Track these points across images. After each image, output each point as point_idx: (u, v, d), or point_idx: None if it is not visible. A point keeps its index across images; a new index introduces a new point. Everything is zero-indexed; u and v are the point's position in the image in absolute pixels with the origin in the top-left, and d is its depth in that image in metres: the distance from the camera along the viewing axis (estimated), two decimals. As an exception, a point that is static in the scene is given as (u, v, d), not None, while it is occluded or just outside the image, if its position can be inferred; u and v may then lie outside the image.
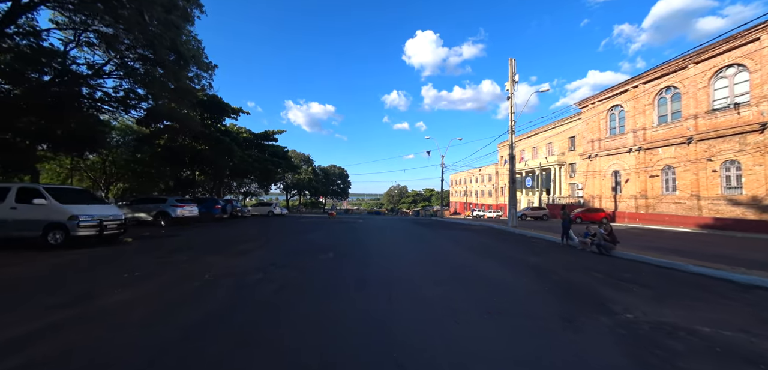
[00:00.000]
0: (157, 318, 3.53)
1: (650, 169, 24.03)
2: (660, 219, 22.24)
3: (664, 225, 21.17)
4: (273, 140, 32.14)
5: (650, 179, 24.16)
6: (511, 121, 17.08)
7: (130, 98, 16.43)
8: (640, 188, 24.94)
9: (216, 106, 23.33)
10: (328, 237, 11.58)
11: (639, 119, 24.87)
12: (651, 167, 24.02)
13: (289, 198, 62.95)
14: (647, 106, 24.18)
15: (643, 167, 24.62)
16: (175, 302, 4.11)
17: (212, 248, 8.64)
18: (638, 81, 24.71)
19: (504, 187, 56.59)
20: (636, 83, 24.98)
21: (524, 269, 6.52)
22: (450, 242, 10.98)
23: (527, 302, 4.30)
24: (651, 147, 23.95)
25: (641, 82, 24.49)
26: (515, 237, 13.20)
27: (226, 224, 17.76)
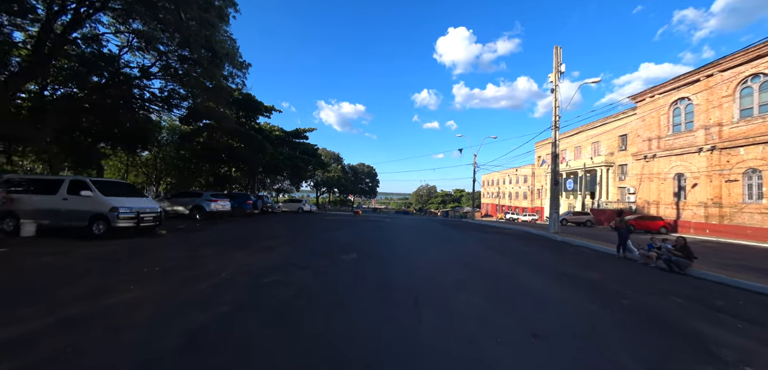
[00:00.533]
0: (160, 319, 3.25)
1: (727, 173, 20.56)
2: (739, 231, 18.90)
3: (746, 239, 17.92)
4: (303, 138, 32.81)
5: (727, 184, 20.67)
6: (555, 116, 15.42)
7: (173, 98, 17.46)
8: (713, 193, 21.48)
9: (250, 105, 24.19)
10: (353, 236, 11.17)
11: (713, 114, 21.40)
12: (729, 170, 20.54)
13: (319, 195, 64.44)
14: (725, 98, 20.70)
15: (716, 170, 21.16)
16: (185, 301, 3.84)
17: (238, 243, 8.60)
18: (713, 68, 21.25)
19: (541, 189, 52.81)
20: (710, 71, 21.51)
21: (578, 285, 5.49)
22: (483, 246, 10.01)
23: (586, 327, 3.41)
24: (729, 146, 20.47)
25: (717, 70, 21.02)
26: (559, 245, 11.79)
27: (256, 219, 18.20)
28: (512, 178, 64.00)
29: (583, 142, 40.59)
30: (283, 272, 5.50)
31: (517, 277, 5.91)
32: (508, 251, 9.32)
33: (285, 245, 8.63)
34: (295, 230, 12.92)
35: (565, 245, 12.02)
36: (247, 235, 10.51)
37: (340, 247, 8.57)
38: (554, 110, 15.53)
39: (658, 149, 26.01)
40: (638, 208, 28.37)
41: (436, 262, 7.12)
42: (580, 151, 41.44)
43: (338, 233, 12.04)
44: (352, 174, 67.85)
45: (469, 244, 10.68)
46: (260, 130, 26.45)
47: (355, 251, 7.87)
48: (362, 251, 8.09)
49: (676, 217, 24.27)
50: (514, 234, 15.42)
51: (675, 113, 24.95)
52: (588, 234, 17.73)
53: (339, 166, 61.84)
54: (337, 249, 8.18)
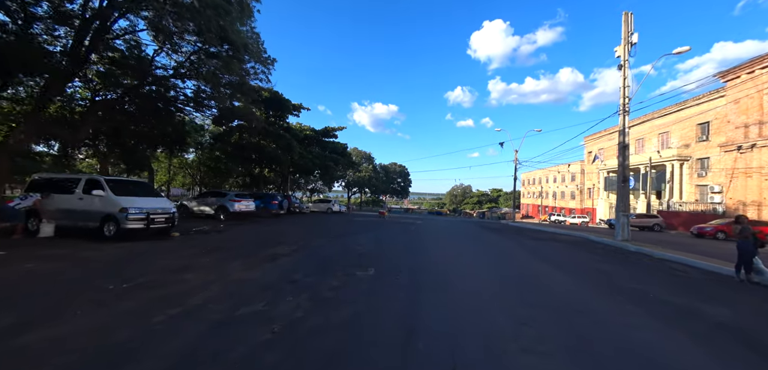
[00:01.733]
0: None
1: None
2: None
3: None
4: (333, 137, 32.31)
5: None
6: (623, 98, 12.50)
7: (200, 96, 17.55)
8: None
9: (278, 103, 24.03)
10: (375, 243, 9.73)
11: None
12: None
13: (350, 195, 64.43)
14: None
15: None
16: (116, 343, 2.66)
17: (245, 249, 7.62)
18: None
19: (591, 188, 46.94)
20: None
21: (710, 333, 3.44)
22: (537, 258, 7.93)
23: None
24: None
25: None
26: (637, 258, 9.19)
27: (280, 220, 17.64)
28: (557, 177, 58.11)
29: (647, 134, 34.90)
30: (275, 294, 4.21)
31: (604, 316, 3.97)
32: (573, 268, 7.18)
33: (295, 252, 7.46)
34: (314, 232, 11.85)
35: (644, 257, 9.38)
36: (261, 238, 9.60)
37: (357, 257, 7.17)
38: (622, 92, 12.64)
39: (758, 137, 20.94)
40: (728, 210, 23.24)
41: (478, 286, 5.36)
42: (643, 145, 35.74)
43: (360, 238, 10.69)
44: (383, 174, 66.87)
45: (517, 254, 8.64)
46: (289, 130, 26.31)
47: (374, 265, 6.40)
48: (382, 264, 6.59)
49: (787, 222, 19.19)
50: (570, 241, 12.83)
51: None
52: (662, 241, 14.37)
53: (370, 166, 61.20)
54: (352, 260, 6.79)
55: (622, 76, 12.62)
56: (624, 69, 12.58)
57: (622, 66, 12.60)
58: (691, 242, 15.77)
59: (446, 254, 8.31)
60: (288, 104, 24.74)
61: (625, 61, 12.55)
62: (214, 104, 18.40)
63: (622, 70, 12.60)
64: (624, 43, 12.57)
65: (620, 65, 12.67)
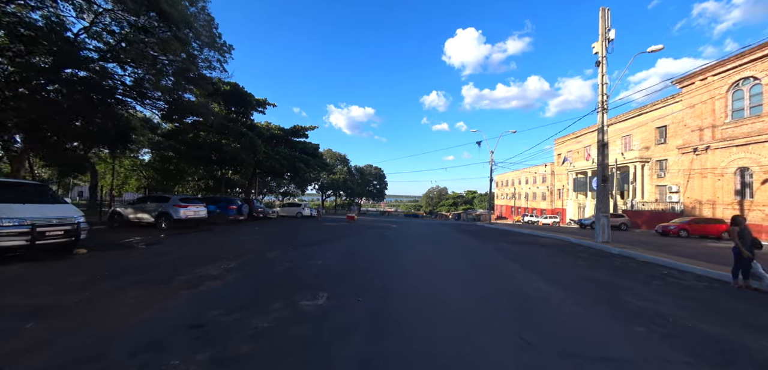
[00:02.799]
0: None
1: (811, 165, 16.69)
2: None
3: None
4: (303, 136, 30.31)
5: (811, 179, 16.79)
6: (601, 95, 12.15)
7: (143, 87, 15.09)
8: (791, 191, 17.59)
9: (239, 98, 21.77)
10: (341, 255, 8.29)
11: (789, 94, 17.56)
12: (812, 162, 16.67)
13: (324, 199, 62.09)
14: (805, 74, 16.86)
15: (796, 162, 17.29)
16: None
17: (166, 270, 5.85)
18: (788, 39, 17.43)
19: (561, 189, 48.71)
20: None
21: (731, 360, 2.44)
22: (526, 269, 6.93)
23: None
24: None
25: (794, 40, 17.20)
26: (626, 263, 8.55)
27: (237, 227, 15.58)
28: (529, 178, 59.97)
29: (611, 137, 36.52)
30: (153, 357, 2.65)
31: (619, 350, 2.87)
32: (567, 281, 6.21)
33: (231, 271, 5.82)
34: (271, 241, 10.14)
35: (629, 261, 8.78)
36: (200, 253, 7.79)
37: (313, 276, 5.69)
38: (601, 88, 12.28)
39: (712, 140, 22.12)
40: (686, 209, 24.43)
41: (461, 313, 4.12)
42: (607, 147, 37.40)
43: (325, 248, 9.19)
44: (358, 176, 65.24)
45: (503, 264, 7.62)
46: (253, 127, 24.02)
47: (330, 288, 4.97)
48: (342, 287, 5.18)
49: (739, 220, 20.29)
50: (551, 245, 12.19)
51: (735, 97, 21.05)
52: (635, 241, 14.30)
53: (345, 168, 59.33)
54: (304, 281, 5.31)
55: (600, 72, 12.25)
56: (602, 65, 12.22)
57: (600, 62, 12.24)
58: (662, 242, 15.95)
59: (424, 268, 7.06)
60: (251, 100, 22.53)
61: (602, 58, 12.20)
62: (159, 96, 16.00)
63: (600, 66, 12.24)
64: (601, 39, 12.22)
65: (598, 62, 12.31)
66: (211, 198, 18.59)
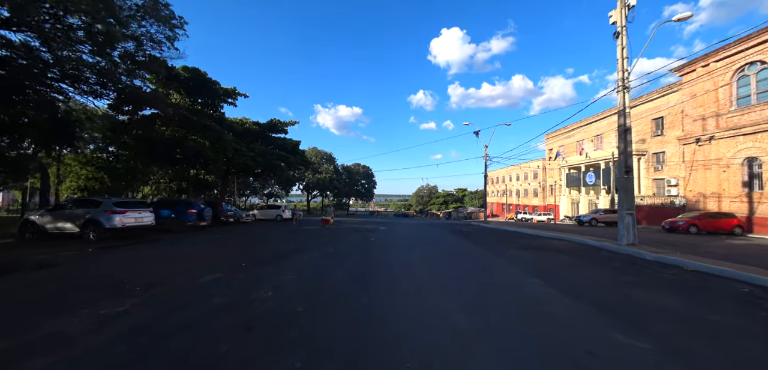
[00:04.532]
0: None
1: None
2: None
3: None
4: (282, 132, 27.65)
5: (829, 168, 15.67)
6: (622, 70, 10.33)
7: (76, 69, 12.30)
8: (806, 181, 16.48)
9: (202, 87, 19.02)
10: (304, 276, 6.03)
11: (803, 77, 16.42)
12: (831, 149, 15.55)
13: (310, 199, 59.30)
14: (822, 55, 15.73)
15: (811, 150, 16.16)
16: None
17: (11, 321, 3.44)
18: (803, 18, 16.27)
19: (553, 185, 47.80)
20: (796, 23, 16.53)
21: None
22: (555, 289, 4.89)
23: None
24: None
25: (809, 18, 16.04)
26: (681, 277, 6.66)
27: (191, 236, 13.01)
28: (520, 175, 59.06)
29: (606, 130, 35.64)
30: None
31: None
32: (621, 310, 4.19)
33: (113, 321, 3.46)
34: (220, 257, 7.74)
35: (681, 274, 6.89)
36: (97, 281, 5.34)
37: (240, 329, 3.41)
38: (621, 64, 10.45)
39: (716, 129, 20.99)
40: (689, 203, 23.33)
41: None
42: (601, 141, 36.50)
43: (284, 266, 6.89)
44: (346, 175, 62.69)
45: (517, 279, 5.55)
46: (221, 121, 21.26)
47: (258, 363, 2.70)
48: (286, 355, 2.92)
49: (748, 213, 19.23)
50: (569, 251, 10.27)
51: (741, 83, 19.94)
52: (650, 240, 12.66)
53: (331, 167, 56.69)
54: (220, 340, 3.02)
55: (619, 44, 10.42)
56: (621, 37, 10.39)
57: (619, 33, 10.40)
58: (678, 240, 14.43)
59: (420, 298, 4.89)
60: (217, 89, 19.80)
61: (622, 28, 10.37)
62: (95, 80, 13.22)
63: (620, 38, 10.40)
64: (620, 5, 10.39)
65: (616, 33, 10.47)
66: (166, 201, 15.88)
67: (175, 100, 19.34)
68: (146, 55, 13.99)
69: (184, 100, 20.11)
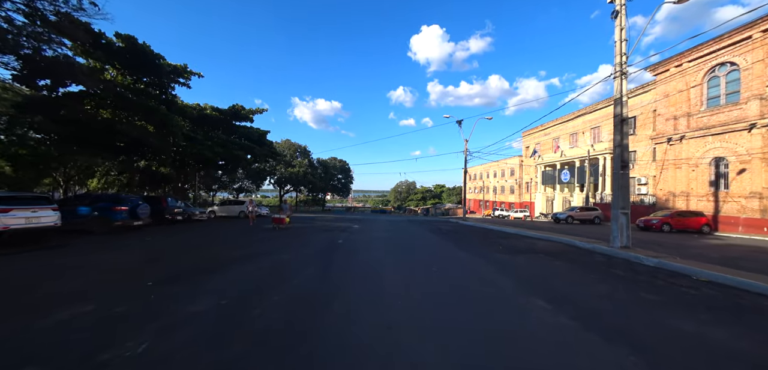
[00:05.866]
0: None
1: (795, 153, 15.99)
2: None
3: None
4: (246, 120, 24.94)
5: (793, 168, 16.11)
6: (619, 55, 9.37)
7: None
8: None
9: (144, 61, 16.09)
10: (224, 302, 4.25)
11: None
12: (796, 150, 15.97)
13: (282, 194, 56.14)
14: (790, 57, 16.07)
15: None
16: None
17: None
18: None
19: (529, 182, 48.54)
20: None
21: None
22: (565, 316, 3.57)
23: None
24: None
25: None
26: (696, 288, 5.63)
27: (114, 240, 10.60)
28: (497, 172, 59.70)
29: (581, 128, 36.23)
30: None
31: None
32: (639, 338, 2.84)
33: None
34: (127, 273, 5.70)
35: (693, 283, 5.90)
36: None
37: None
38: (619, 47, 9.48)
39: (687, 129, 21.37)
40: (659, 201, 23.80)
41: None
42: (576, 139, 37.11)
43: (207, 284, 5.03)
44: (321, 169, 60.06)
45: (512, 297, 4.17)
46: (171, 104, 18.36)
47: None
48: None
49: (714, 211, 19.69)
50: (558, 253, 9.21)
51: (711, 83, 20.32)
52: (647, 241, 12.14)
53: (305, 161, 53.87)
54: None
55: (619, 26, 9.43)
56: (620, 17, 9.41)
57: (618, 12, 9.41)
58: (656, 239, 14.13)
59: (394, 341, 3.31)
60: (162, 64, 16.91)
61: (621, 6, 9.38)
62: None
63: (619, 18, 9.41)
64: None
65: (615, 12, 9.48)
66: (89, 196, 13.14)
67: (109, 76, 16.27)
68: (60, 14, 11.23)
69: (123, 78, 17.05)
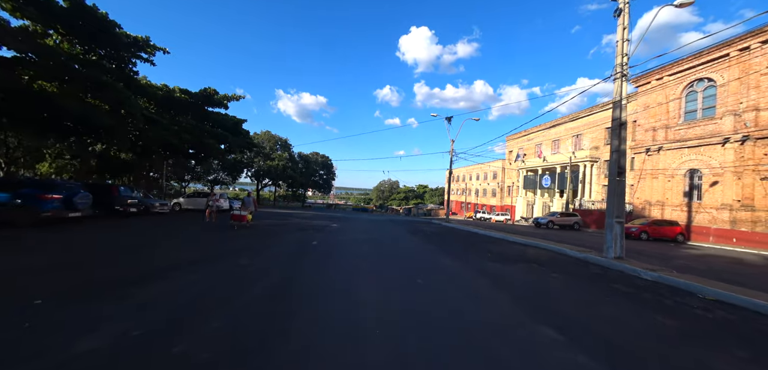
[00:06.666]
0: None
1: (766, 168, 16.54)
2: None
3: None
4: (220, 106, 22.96)
5: (764, 182, 16.67)
6: (621, 55, 8.82)
7: None
8: (743, 194, 17.47)
9: (95, 29, 14.01)
10: (124, 341, 3.03)
11: (747, 96, 17.27)
12: (767, 165, 16.53)
13: (260, 188, 53.60)
14: (765, 77, 16.58)
15: (749, 165, 17.11)
16: None
17: None
18: (752, 39, 17.04)
19: (511, 186, 49.17)
20: (746, 43, 17.33)
21: None
22: (588, 355, 2.74)
23: None
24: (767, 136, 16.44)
25: (757, 40, 16.83)
26: (712, 311, 5.03)
27: (35, 234, 8.87)
28: (480, 175, 60.20)
29: (563, 136, 36.86)
30: None
31: None
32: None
33: None
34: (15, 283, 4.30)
35: (706, 304, 5.32)
36: None
37: None
38: (620, 46, 8.96)
39: (665, 141, 21.88)
40: (635, 209, 24.33)
41: None
42: (558, 146, 37.73)
43: (117, 305, 3.77)
44: (302, 164, 57.98)
45: (518, 324, 3.30)
46: (128, 81, 16.26)
47: None
48: None
49: (687, 221, 20.23)
50: (551, 263, 8.57)
51: (689, 98, 20.86)
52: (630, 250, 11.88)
53: (285, 154, 51.67)
54: None
55: (621, 25, 8.90)
56: (623, 15, 8.88)
57: (621, 10, 8.88)
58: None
59: None
60: (119, 34, 14.83)
61: (624, 4, 8.85)
62: None
63: (622, 16, 8.88)
64: (621, -21, 8.85)
65: (618, 10, 8.94)
66: (13, 180, 11.12)
67: (53, 42, 14.06)
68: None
69: (70, 46, 14.83)
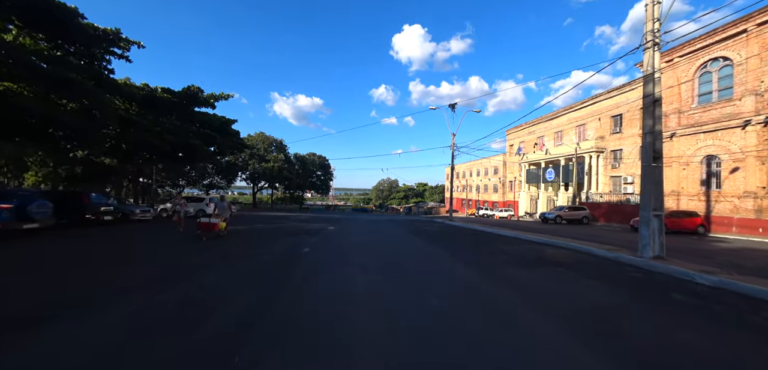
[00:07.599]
0: None
1: (793, 151, 15.40)
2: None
3: None
4: (206, 105, 21.66)
5: (791, 167, 15.53)
6: (652, 20, 7.54)
7: None
8: (767, 180, 16.32)
9: (58, 21, 12.70)
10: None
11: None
12: (794, 148, 15.39)
13: (257, 191, 52.32)
14: (789, 51, 15.44)
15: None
16: None
17: None
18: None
19: (513, 181, 47.99)
20: (765, 17, 16.17)
21: None
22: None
23: None
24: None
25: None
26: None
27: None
28: (481, 170, 59.04)
29: (566, 127, 35.70)
30: None
31: None
32: None
33: None
34: None
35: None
36: None
37: None
38: (651, 10, 7.74)
39: (678, 127, 20.70)
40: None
41: None
42: (561, 137, 36.57)
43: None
44: (299, 165, 56.67)
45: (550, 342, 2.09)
46: (99, 78, 14.93)
47: None
48: None
49: (705, 211, 19.08)
50: (581, 266, 7.36)
51: (703, 80, 19.68)
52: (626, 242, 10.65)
53: (281, 156, 50.36)
54: None
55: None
56: (653, -26, 7.66)
57: (651, -31, 7.66)
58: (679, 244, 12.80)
59: None
60: (86, 28, 13.53)
61: (654, -38, 7.64)
62: None
63: (651, -25, 7.67)
64: (650, -66, 7.64)
65: (647, -32, 7.73)
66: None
67: (11, 37, 12.75)
68: None
69: (33, 42, 13.54)
